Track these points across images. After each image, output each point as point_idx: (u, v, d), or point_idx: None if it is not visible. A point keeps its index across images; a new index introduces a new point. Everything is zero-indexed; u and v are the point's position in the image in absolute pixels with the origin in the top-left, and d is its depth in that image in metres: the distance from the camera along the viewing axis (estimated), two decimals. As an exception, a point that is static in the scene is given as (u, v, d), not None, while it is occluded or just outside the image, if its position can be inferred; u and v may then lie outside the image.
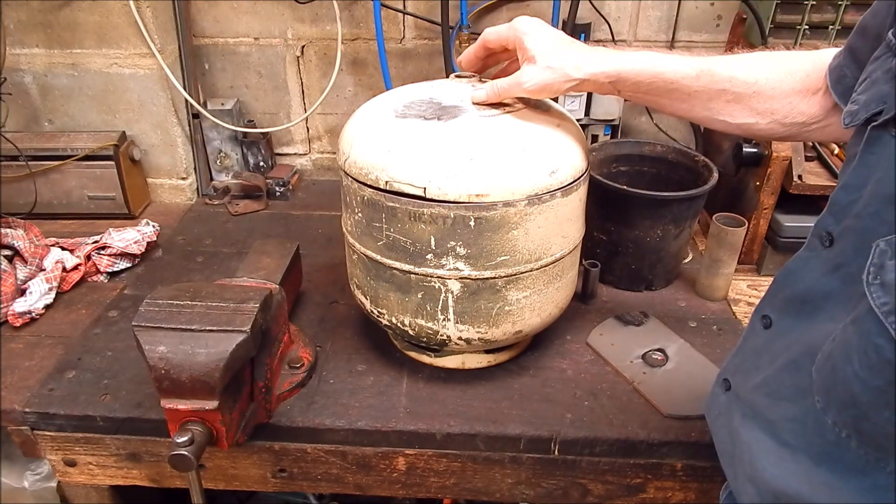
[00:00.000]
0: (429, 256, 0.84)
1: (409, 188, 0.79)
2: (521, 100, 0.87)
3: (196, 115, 1.51)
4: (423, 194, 0.79)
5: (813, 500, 0.56)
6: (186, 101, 1.45)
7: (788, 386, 0.59)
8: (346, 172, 0.86)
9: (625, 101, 1.43)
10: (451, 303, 0.87)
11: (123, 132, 1.45)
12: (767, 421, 0.61)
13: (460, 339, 0.90)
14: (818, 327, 0.55)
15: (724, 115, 0.77)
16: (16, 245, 1.21)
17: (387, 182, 0.80)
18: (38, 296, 1.14)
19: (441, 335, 0.90)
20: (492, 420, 0.92)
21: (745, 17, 1.34)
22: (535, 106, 0.88)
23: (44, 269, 1.20)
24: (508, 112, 0.84)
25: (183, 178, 1.56)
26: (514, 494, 0.97)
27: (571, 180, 0.84)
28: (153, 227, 1.34)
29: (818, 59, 0.73)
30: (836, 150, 1.23)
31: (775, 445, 0.60)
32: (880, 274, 0.47)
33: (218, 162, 1.58)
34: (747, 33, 1.35)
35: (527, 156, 0.80)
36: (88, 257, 1.25)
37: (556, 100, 1.41)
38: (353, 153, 0.85)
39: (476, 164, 0.78)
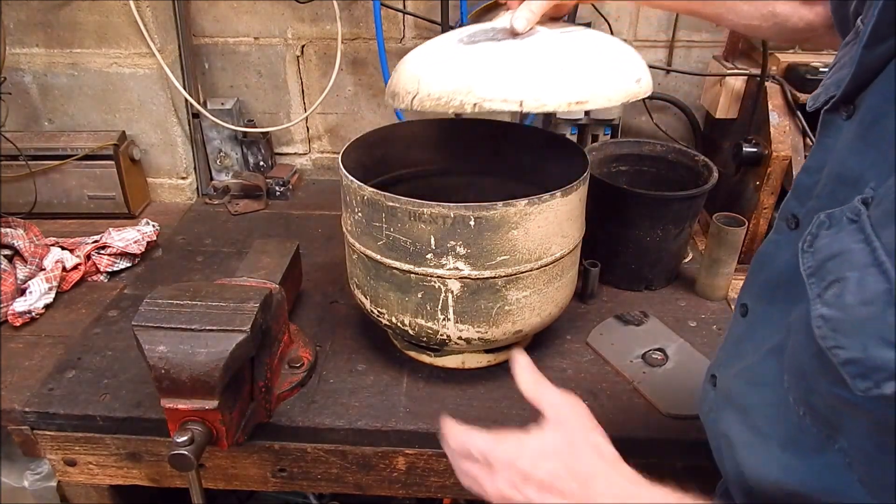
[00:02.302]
0: (429, 256, 0.84)
1: (503, 104, 0.73)
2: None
3: (196, 115, 1.51)
4: (519, 108, 0.73)
5: (781, 484, 0.55)
6: (186, 100, 1.45)
7: (770, 372, 0.59)
8: (413, 110, 0.79)
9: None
10: (450, 302, 0.87)
11: (123, 132, 1.45)
12: (742, 408, 0.61)
13: (460, 338, 0.90)
14: (789, 310, 0.56)
15: (732, 14, 0.80)
16: (16, 245, 1.21)
17: (475, 104, 0.73)
18: (37, 295, 1.14)
19: (441, 335, 0.90)
20: (492, 419, 0.92)
21: (745, 16, 1.34)
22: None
23: (44, 269, 1.20)
24: (574, 31, 0.82)
25: (183, 178, 1.56)
26: (513, 494, 0.97)
27: (649, 90, 0.81)
28: (153, 226, 1.34)
29: None
30: (836, 150, 1.22)
31: (749, 434, 0.60)
32: (814, 242, 0.48)
33: (218, 161, 1.58)
34: (747, 33, 1.35)
35: (615, 64, 0.78)
36: (88, 257, 1.25)
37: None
38: (423, 87, 0.77)
39: (570, 72, 0.75)
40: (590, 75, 0.76)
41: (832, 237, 0.48)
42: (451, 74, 0.76)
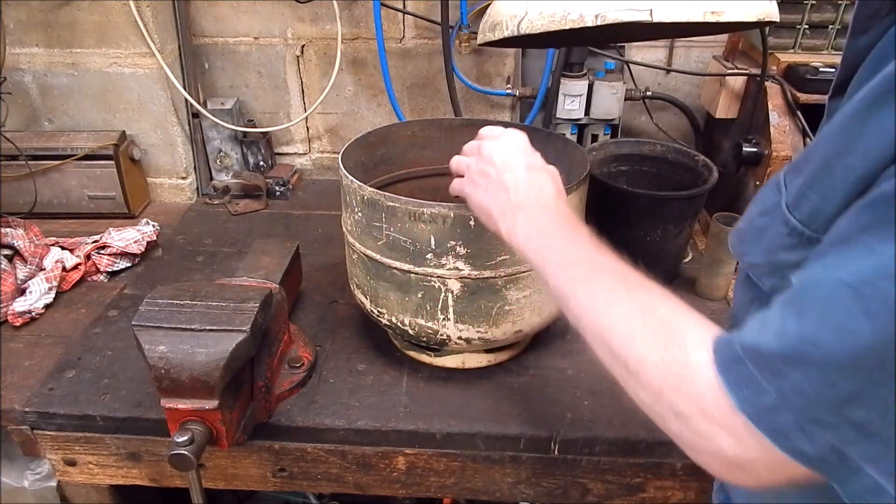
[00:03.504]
0: (429, 256, 0.84)
1: (630, 14, 0.65)
2: None
3: (196, 115, 1.51)
4: (649, 18, 0.65)
5: None
6: (186, 100, 1.45)
7: None
8: (520, 34, 0.72)
9: (625, 100, 1.43)
10: (450, 302, 0.87)
11: (123, 132, 1.45)
12: None
13: (460, 338, 0.90)
14: None
15: None
16: (16, 244, 1.21)
17: (597, 15, 0.66)
18: (37, 295, 1.14)
19: (441, 335, 0.90)
20: (492, 420, 0.92)
21: (745, 16, 1.34)
22: None
23: (44, 269, 1.20)
24: None
25: (183, 178, 1.56)
26: (514, 494, 0.97)
27: (777, 16, 0.72)
28: (153, 226, 1.34)
29: None
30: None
31: None
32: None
33: (218, 161, 1.58)
34: (747, 33, 1.35)
35: None
36: (88, 257, 1.25)
37: (555, 103, 1.41)
38: (532, 6, 0.70)
39: None
40: None
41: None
42: None
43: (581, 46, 1.37)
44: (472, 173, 0.74)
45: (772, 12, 0.72)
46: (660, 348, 0.48)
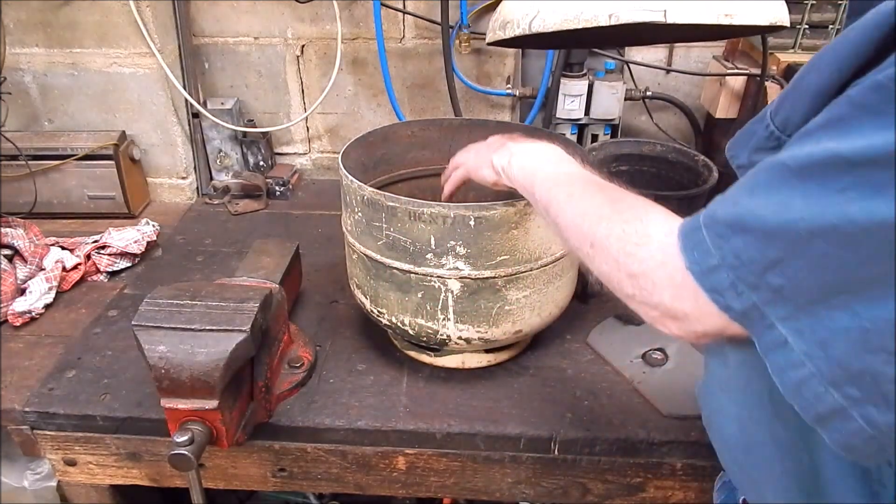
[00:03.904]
0: (429, 256, 0.84)
1: (644, 14, 0.66)
2: None
3: (196, 115, 1.51)
4: (662, 19, 0.65)
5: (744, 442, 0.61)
6: (186, 100, 1.45)
7: None
8: (531, 34, 0.72)
9: (625, 100, 1.43)
10: (450, 302, 0.87)
11: (123, 132, 1.45)
12: (721, 379, 0.64)
13: (460, 338, 0.90)
14: None
15: None
16: (16, 244, 1.21)
17: (611, 15, 0.66)
18: (37, 295, 1.14)
19: (441, 335, 0.90)
20: (492, 419, 0.92)
21: (745, 16, 1.34)
22: None
23: (44, 269, 1.20)
24: None
25: (183, 178, 1.56)
26: (513, 494, 0.97)
27: (788, 22, 0.74)
28: (153, 226, 1.34)
29: None
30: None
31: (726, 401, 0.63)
32: None
33: (218, 161, 1.58)
34: (747, 33, 1.35)
35: None
36: (88, 257, 1.25)
37: (555, 103, 1.41)
38: (545, 4, 0.70)
39: None
40: None
41: None
42: None
43: (591, 48, 1.37)
44: (472, 148, 0.81)
45: (782, 17, 0.73)
46: (623, 223, 0.54)
